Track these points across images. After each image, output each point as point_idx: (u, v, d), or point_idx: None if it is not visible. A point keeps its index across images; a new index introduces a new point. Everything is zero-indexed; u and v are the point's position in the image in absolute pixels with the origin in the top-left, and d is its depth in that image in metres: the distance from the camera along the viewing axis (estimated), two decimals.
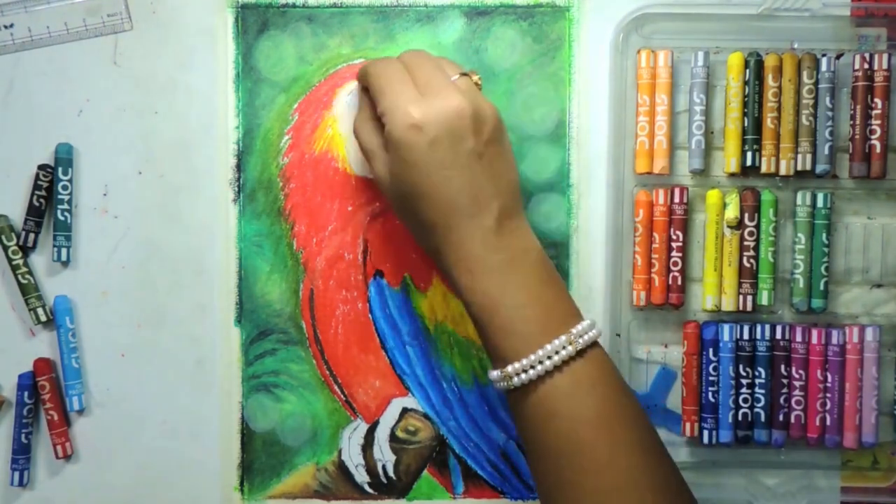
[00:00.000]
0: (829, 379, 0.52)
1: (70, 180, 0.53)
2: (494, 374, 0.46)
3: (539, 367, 0.44)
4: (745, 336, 0.53)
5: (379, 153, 0.47)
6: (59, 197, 0.53)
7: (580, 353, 0.44)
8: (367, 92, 0.49)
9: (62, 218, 0.53)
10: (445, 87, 0.46)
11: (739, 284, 0.53)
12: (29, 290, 0.53)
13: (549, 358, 0.44)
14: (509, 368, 0.45)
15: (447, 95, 0.45)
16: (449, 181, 0.45)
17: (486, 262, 0.45)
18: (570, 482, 0.44)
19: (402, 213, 0.48)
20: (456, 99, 0.45)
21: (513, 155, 0.48)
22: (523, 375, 0.44)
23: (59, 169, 0.53)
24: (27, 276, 0.53)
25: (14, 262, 0.53)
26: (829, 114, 0.52)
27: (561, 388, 0.44)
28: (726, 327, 0.53)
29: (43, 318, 0.53)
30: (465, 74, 0.47)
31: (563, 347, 0.44)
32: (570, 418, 0.44)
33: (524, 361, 0.44)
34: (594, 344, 0.45)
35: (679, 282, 0.53)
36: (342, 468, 0.55)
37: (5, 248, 0.53)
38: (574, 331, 0.45)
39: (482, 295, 0.45)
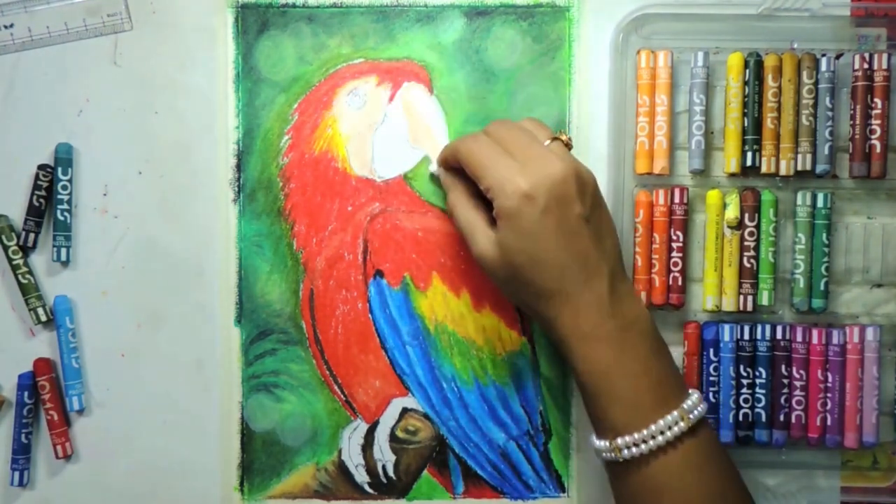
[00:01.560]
0: (830, 379, 0.52)
1: (70, 180, 0.53)
2: (601, 444, 0.46)
3: (651, 443, 0.44)
4: (746, 336, 0.53)
5: (482, 229, 0.48)
6: (59, 197, 0.53)
7: (692, 430, 0.45)
8: (456, 171, 0.49)
9: (62, 218, 0.53)
10: (544, 154, 0.46)
11: (740, 284, 0.53)
12: (29, 290, 0.53)
13: (662, 434, 0.44)
14: (619, 441, 0.45)
15: (549, 162, 0.45)
16: (563, 248, 0.45)
17: (602, 330, 0.45)
18: None
19: (514, 285, 0.47)
20: (559, 165, 0.45)
21: (610, 216, 0.49)
22: (634, 449, 0.45)
23: (59, 169, 0.53)
24: (27, 276, 0.53)
25: (14, 262, 0.53)
26: (829, 114, 0.52)
27: (672, 464, 0.44)
28: (727, 327, 0.53)
29: (43, 318, 0.53)
30: (555, 138, 0.48)
31: (676, 423, 0.44)
32: (680, 496, 0.44)
33: (636, 435, 0.44)
34: (702, 419, 0.46)
35: (679, 282, 0.53)
36: (342, 468, 0.55)
37: (5, 248, 0.53)
38: (685, 405, 0.45)
39: (596, 363, 0.45)
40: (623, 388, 0.45)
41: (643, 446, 0.44)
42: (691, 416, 0.45)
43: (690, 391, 0.47)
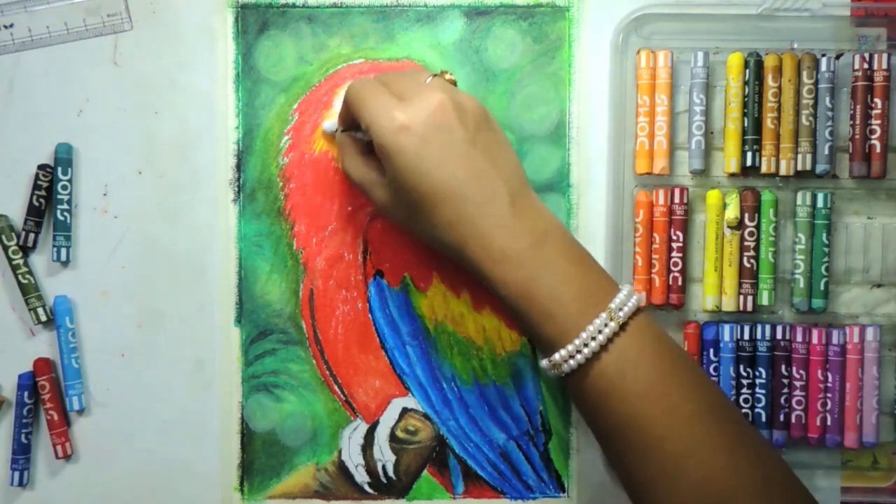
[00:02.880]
0: (830, 379, 0.52)
1: (70, 180, 0.53)
2: (544, 362, 0.46)
3: (586, 350, 0.44)
4: (746, 336, 0.53)
5: (375, 179, 0.48)
6: (59, 197, 0.53)
7: (623, 327, 0.44)
8: (346, 131, 0.50)
9: (62, 218, 0.53)
10: (421, 88, 0.46)
11: (740, 285, 0.53)
12: (29, 290, 0.53)
13: (594, 339, 0.44)
14: (556, 356, 0.44)
15: (425, 94, 0.45)
16: (450, 174, 0.45)
17: (512, 250, 0.45)
18: (635, 456, 0.44)
19: (416, 226, 0.47)
20: (435, 95, 0.45)
21: (506, 139, 0.48)
22: (571, 361, 0.44)
23: (59, 169, 0.53)
24: (27, 276, 0.53)
25: (14, 262, 0.53)
26: (829, 114, 0.52)
27: (609, 366, 0.44)
28: (727, 328, 0.53)
29: (43, 318, 0.53)
30: (436, 75, 0.48)
31: (605, 325, 0.44)
32: (623, 395, 0.44)
33: (569, 347, 0.44)
34: (637, 312, 0.45)
35: (679, 282, 0.53)
36: (342, 468, 0.55)
37: (5, 248, 0.53)
38: (612, 305, 0.44)
39: (514, 285, 0.45)
40: (545, 303, 0.44)
41: (578, 356, 0.44)
42: (620, 314, 0.44)
43: (621, 287, 0.45)
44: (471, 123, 0.46)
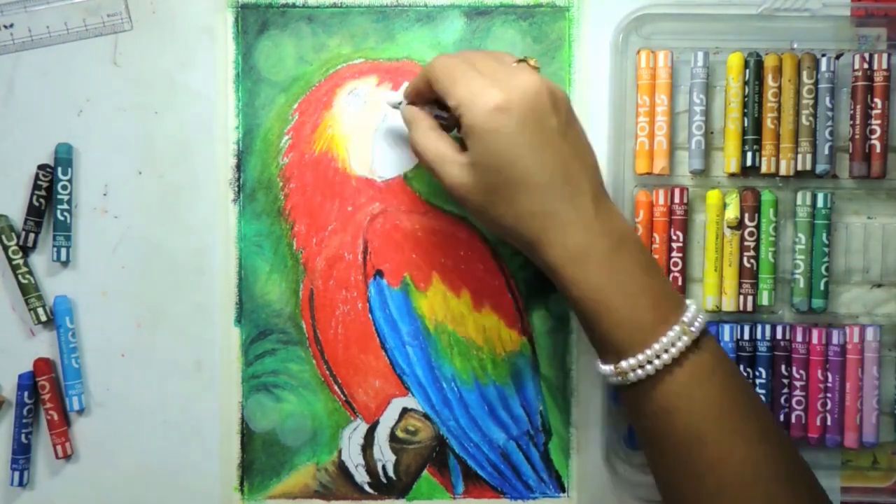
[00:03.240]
0: (830, 379, 0.52)
1: (70, 180, 0.53)
2: (607, 368, 0.44)
3: (657, 362, 0.42)
4: (746, 336, 0.53)
5: (451, 157, 0.45)
6: (59, 197, 0.53)
7: (696, 343, 0.43)
8: (418, 105, 0.48)
9: (62, 218, 0.53)
10: (514, 70, 0.45)
11: (740, 285, 0.53)
12: (29, 290, 0.53)
13: (667, 351, 0.42)
14: (624, 364, 0.43)
15: (522, 76, 0.44)
16: (542, 163, 0.43)
17: (592, 250, 0.43)
18: (692, 476, 0.42)
19: (492, 212, 0.45)
20: (532, 77, 0.44)
21: (587, 137, 0.46)
22: (640, 371, 0.43)
23: (59, 169, 0.53)
24: (27, 276, 0.53)
25: (14, 262, 0.53)
26: (829, 114, 0.52)
27: (679, 381, 0.42)
28: (727, 327, 0.53)
29: (43, 318, 0.53)
30: (521, 60, 0.46)
31: (679, 339, 0.42)
32: (690, 412, 0.42)
33: (640, 357, 0.42)
34: (705, 331, 0.44)
35: (679, 282, 0.53)
36: (342, 468, 0.55)
37: (5, 248, 0.53)
38: (685, 318, 0.43)
39: (591, 286, 0.43)
40: (621, 308, 0.43)
41: (648, 367, 0.42)
42: (693, 328, 0.43)
43: (688, 302, 0.44)
44: (563, 114, 0.44)
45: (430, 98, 0.48)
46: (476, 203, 0.45)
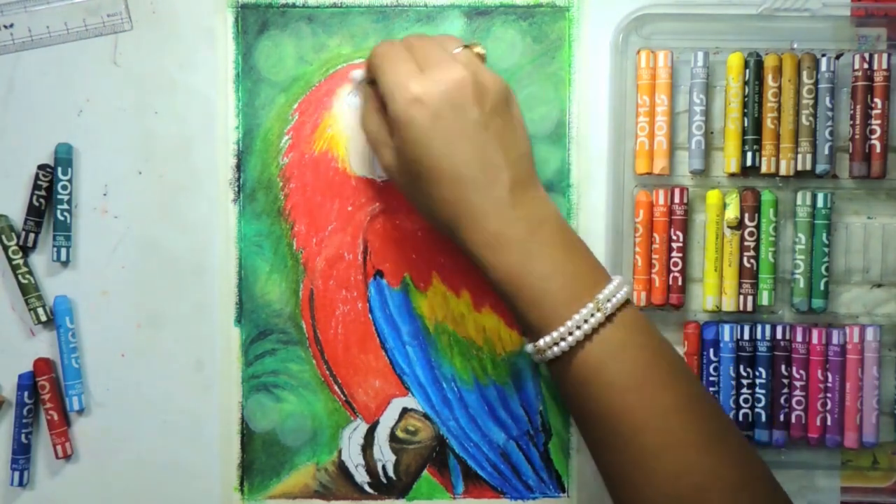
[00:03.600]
0: (830, 379, 0.52)
1: (70, 180, 0.53)
2: (529, 347, 0.46)
3: (570, 339, 0.44)
4: (746, 336, 0.53)
5: (384, 140, 0.47)
6: (59, 197, 0.53)
7: (609, 318, 0.44)
8: (373, 84, 0.49)
9: (62, 218, 0.53)
10: (444, 60, 0.46)
11: (740, 285, 0.53)
12: (29, 290, 0.53)
13: (579, 328, 0.44)
14: (541, 342, 0.44)
15: (446, 67, 0.45)
16: (455, 154, 0.44)
17: (505, 236, 0.45)
18: (612, 446, 0.44)
19: (415, 197, 0.47)
20: (455, 70, 0.45)
21: (524, 126, 0.47)
22: (555, 348, 0.44)
23: (59, 169, 0.53)
24: (27, 276, 0.53)
25: (14, 262, 0.53)
26: (829, 114, 0.52)
27: (592, 355, 0.44)
28: (727, 328, 0.53)
29: (43, 318, 0.53)
30: (466, 46, 0.47)
31: (592, 315, 0.44)
32: (603, 385, 0.44)
33: (554, 334, 0.44)
34: (625, 304, 0.45)
35: (679, 282, 0.53)
36: (342, 468, 0.55)
37: (5, 248, 0.53)
38: (601, 296, 0.44)
39: (505, 270, 0.45)
40: (535, 290, 0.44)
41: (563, 343, 0.44)
42: (608, 305, 0.44)
43: (613, 279, 0.45)
44: (487, 105, 0.45)
45: None
46: (401, 186, 0.48)
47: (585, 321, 0.44)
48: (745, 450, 0.44)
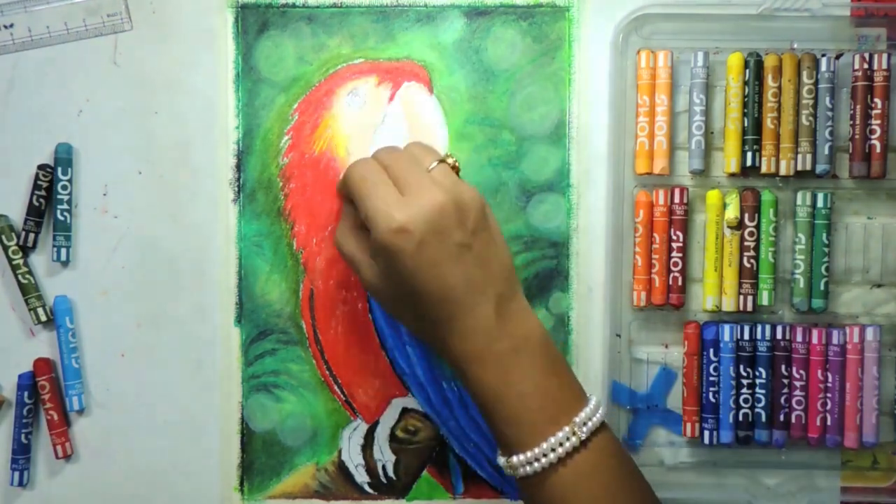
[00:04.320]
0: (830, 379, 0.52)
1: (70, 180, 0.53)
2: (501, 460, 0.47)
3: (544, 460, 0.45)
4: (746, 336, 0.53)
5: (365, 260, 0.48)
6: (59, 197, 0.53)
7: (584, 443, 0.45)
8: (348, 201, 0.49)
9: (62, 218, 0.53)
10: (423, 183, 0.45)
11: (740, 285, 0.53)
12: (29, 290, 0.53)
13: (553, 451, 0.44)
14: (514, 460, 0.45)
15: (427, 193, 0.45)
16: (442, 278, 0.45)
17: (489, 353, 0.45)
18: None
19: (398, 313, 0.48)
20: (437, 195, 0.45)
21: (502, 237, 0.48)
22: (528, 468, 0.45)
23: (59, 169, 0.53)
24: (27, 276, 0.53)
25: (14, 262, 0.53)
26: (829, 114, 0.52)
27: (564, 477, 0.45)
28: (727, 327, 0.53)
29: (43, 318, 0.53)
30: (441, 161, 0.47)
31: (567, 439, 0.45)
32: (571, 499, 0.45)
33: (528, 454, 0.45)
34: (600, 427, 0.46)
35: (679, 282, 0.53)
36: (342, 468, 0.55)
37: (5, 248, 0.53)
38: (577, 419, 0.45)
39: (486, 385, 0.46)
40: (513, 408, 0.45)
41: (536, 465, 0.45)
42: (584, 428, 0.45)
43: (590, 398, 0.46)
44: (469, 225, 0.45)
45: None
46: (383, 302, 0.48)
47: (560, 444, 0.45)
48: None
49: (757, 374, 0.53)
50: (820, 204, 0.52)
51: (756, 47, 0.53)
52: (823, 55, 0.52)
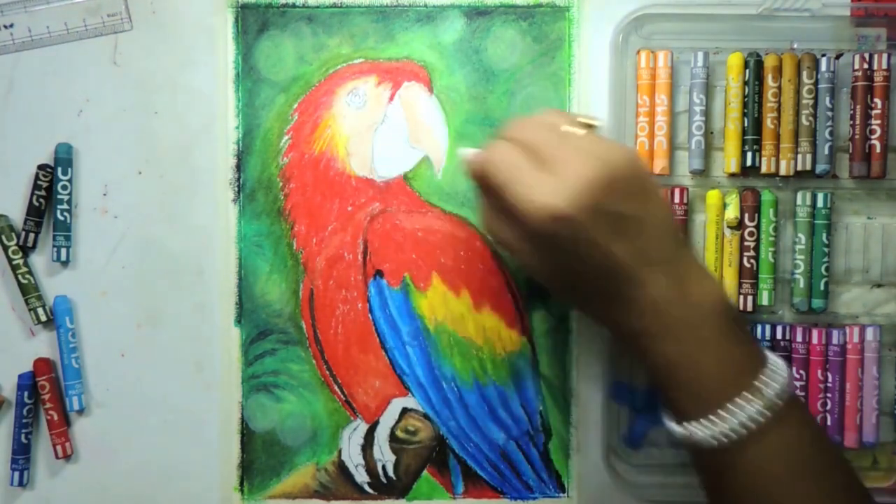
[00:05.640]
0: (830, 379, 0.52)
1: (70, 180, 0.53)
2: (679, 430, 0.44)
3: (734, 436, 0.42)
4: None
5: (520, 245, 0.44)
6: (59, 197, 0.53)
7: (777, 417, 0.42)
8: (483, 184, 0.45)
9: (62, 218, 0.53)
10: (569, 159, 0.41)
11: (740, 285, 0.53)
12: (29, 290, 0.53)
13: (745, 428, 0.41)
14: (699, 433, 0.42)
15: (575, 169, 0.41)
16: (607, 256, 0.42)
17: (667, 325, 0.42)
18: None
19: (565, 295, 0.46)
20: (587, 170, 0.41)
21: (657, 190, 0.44)
22: (714, 442, 0.42)
23: (59, 169, 0.53)
24: (27, 276, 0.53)
25: (14, 262, 0.53)
26: (829, 114, 0.52)
27: (759, 452, 0.42)
28: None
29: (43, 318, 0.53)
30: (587, 126, 0.44)
31: (761, 415, 0.41)
32: (762, 477, 0.42)
33: (714, 430, 0.42)
34: (791, 398, 0.43)
35: None
36: (342, 468, 0.55)
37: (5, 248, 0.53)
38: (770, 392, 0.42)
39: (666, 358, 0.43)
40: (697, 381, 0.42)
41: (724, 440, 0.42)
42: (779, 401, 0.42)
43: (773, 365, 0.43)
44: (625, 192, 0.42)
45: None
46: (546, 282, 0.45)
47: (748, 416, 0.41)
48: None
49: None
50: (820, 204, 0.52)
51: (756, 47, 0.53)
52: (823, 55, 0.52)
